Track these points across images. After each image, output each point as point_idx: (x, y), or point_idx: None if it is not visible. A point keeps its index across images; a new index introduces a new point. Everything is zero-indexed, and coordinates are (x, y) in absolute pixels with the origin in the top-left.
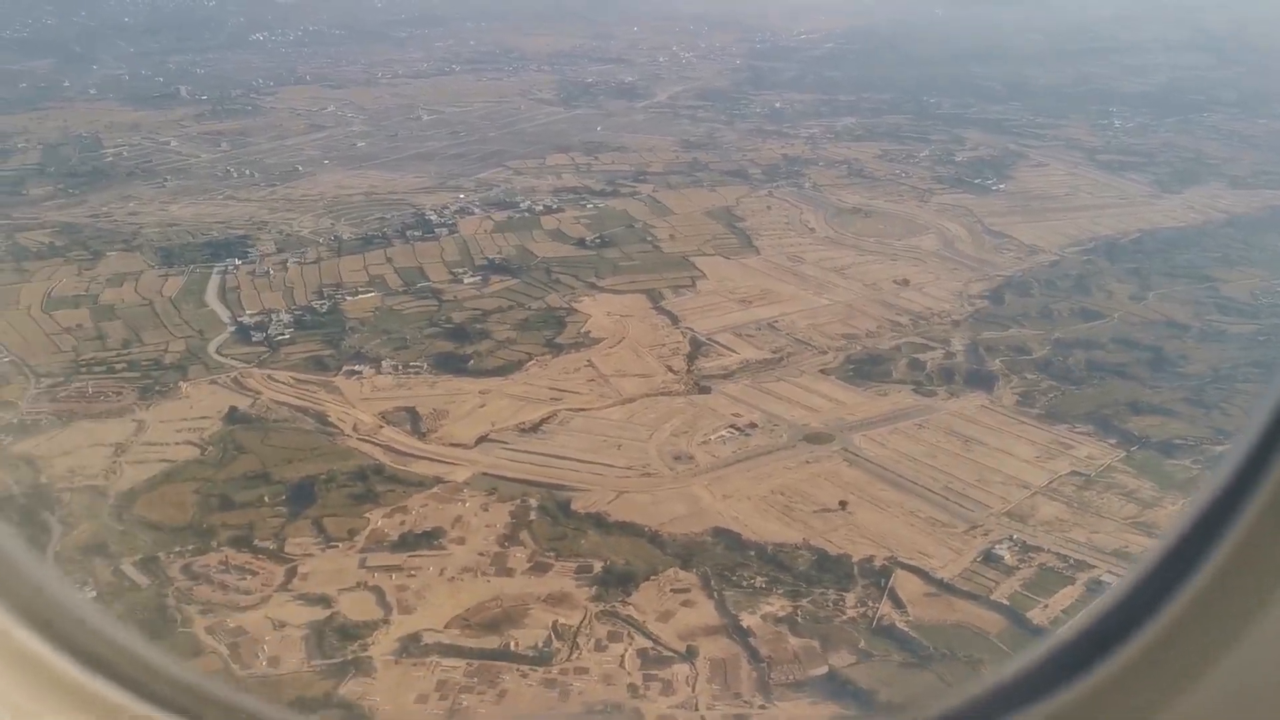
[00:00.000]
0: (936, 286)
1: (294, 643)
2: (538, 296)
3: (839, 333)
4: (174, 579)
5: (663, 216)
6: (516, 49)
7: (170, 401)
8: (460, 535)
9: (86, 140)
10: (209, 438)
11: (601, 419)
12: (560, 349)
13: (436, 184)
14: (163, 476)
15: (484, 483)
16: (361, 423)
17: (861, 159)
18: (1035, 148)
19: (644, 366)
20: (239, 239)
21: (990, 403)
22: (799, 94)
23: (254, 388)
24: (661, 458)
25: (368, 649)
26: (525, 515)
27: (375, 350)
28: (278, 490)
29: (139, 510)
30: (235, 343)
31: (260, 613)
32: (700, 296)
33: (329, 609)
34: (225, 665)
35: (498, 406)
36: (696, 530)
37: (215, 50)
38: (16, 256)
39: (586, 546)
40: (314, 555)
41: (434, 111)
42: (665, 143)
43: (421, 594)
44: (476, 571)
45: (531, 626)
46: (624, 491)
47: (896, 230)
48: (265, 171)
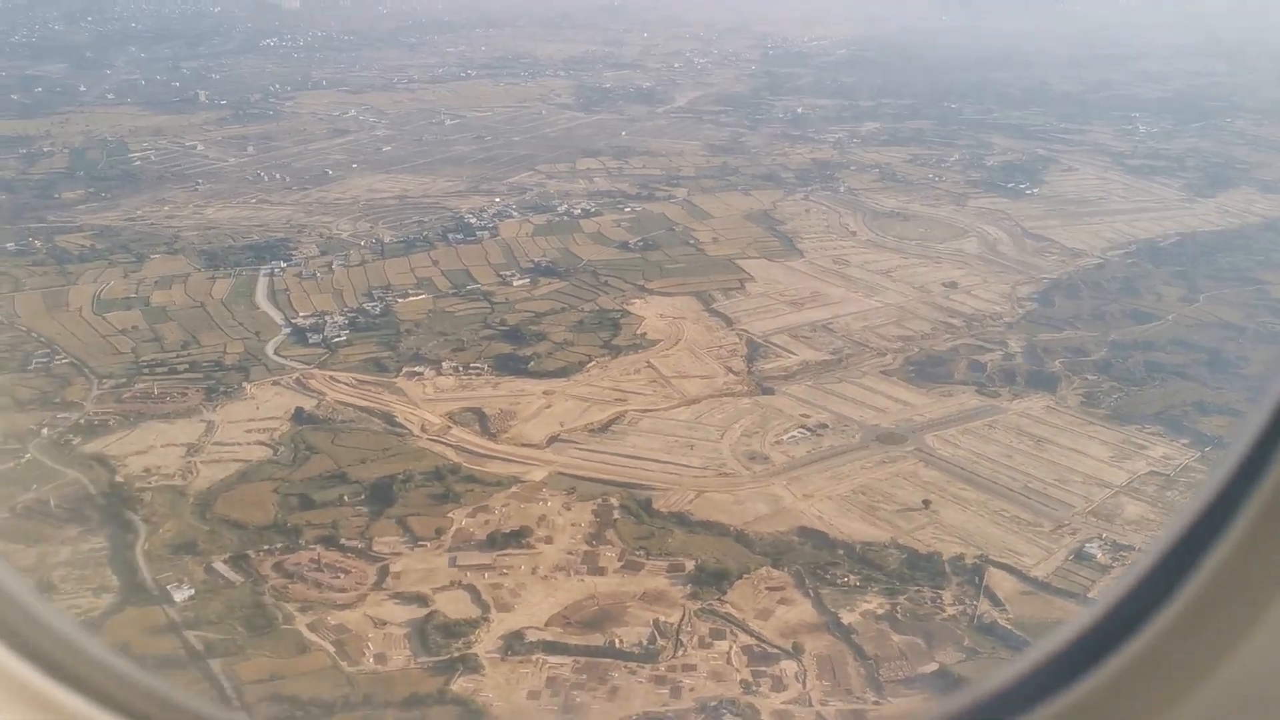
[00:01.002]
0: (984, 289)
1: (397, 640)
2: (588, 299)
3: (894, 334)
4: (267, 577)
5: (702, 220)
6: (529, 54)
7: (236, 402)
8: (547, 534)
9: (112, 145)
10: (279, 438)
11: (669, 420)
12: (618, 351)
13: (469, 188)
14: (239, 476)
15: (561, 482)
16: (429, 423)
17: (892, 163)
18: (1063, 153)
19: (704, 368)
20: (279, 242)
21: (1055, 404)
22: (819, 99)
23: (317, 389)
24: (736, 458)
25: (472, 646)
26: (609, 515)
27: (433, 352)
28: (356, 490)
29: (220, 509)
30: (292, 344)
31: (359, 611)
32: (751, 299)
33: (426, 607)
34: (333, 662)
35: (564, 407)
36: (782, 529)
37: (227, 56)
38: (59, 259)
39: (674, 545)
40: (403, 554)
41: (456, 116)
42: (692, 147)
43: (517, 592)
44: (569, 570)
45: (632, 624)
46: (703, 491)
47: (937, 234)
48: (294, 175)
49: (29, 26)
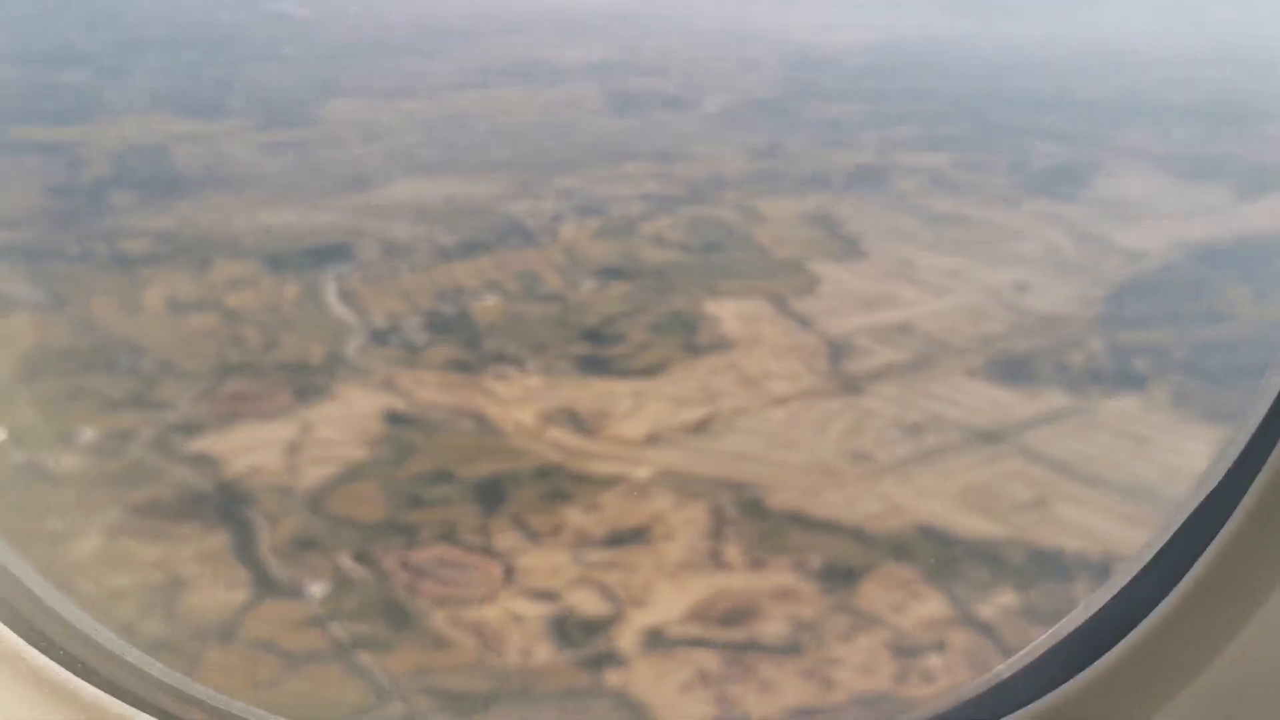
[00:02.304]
0: (1053, 290)
1: (537, 636)
2: (659, 300)
3: (972, 335)
4: (394, 573)
5: (758, 223)
6: (549, 61)
7: (327, 402)
8: (665, 532)
9: (152, 151)
10: (376, 438)
11: (764, 419)
12: (699, 351)
13: (515, 192)
14: (343, 475)
15: (668, 481)
16: (524, 423)
17: (938, 167)
18: (1106, 156)
19: (788, 368)
20: (339, 245)
21: (1146, 403)
22: (849, 104)
23: (405, 389)
24: (840, 457)
25: (613, 641)
26: (723, 512)
27: (515, 353)
28: (463, 489)
29: (332, 507)
30: (373, 346)
31: (492, 607)
32: (823, 300)
33: (558, 603)
34: (479, 658)
35: (655, 407)
36: (900, 526)
37: (247, 63)
38: (124, 263)
39: (795, 542)
40: (524, 552)
41: (487, 122)
42: (731, 152)
43: (647, 589)
44: (694, 567)
45: (769, 619)
46: (814, 489)
47: (995, 236)
48: (338, 180)
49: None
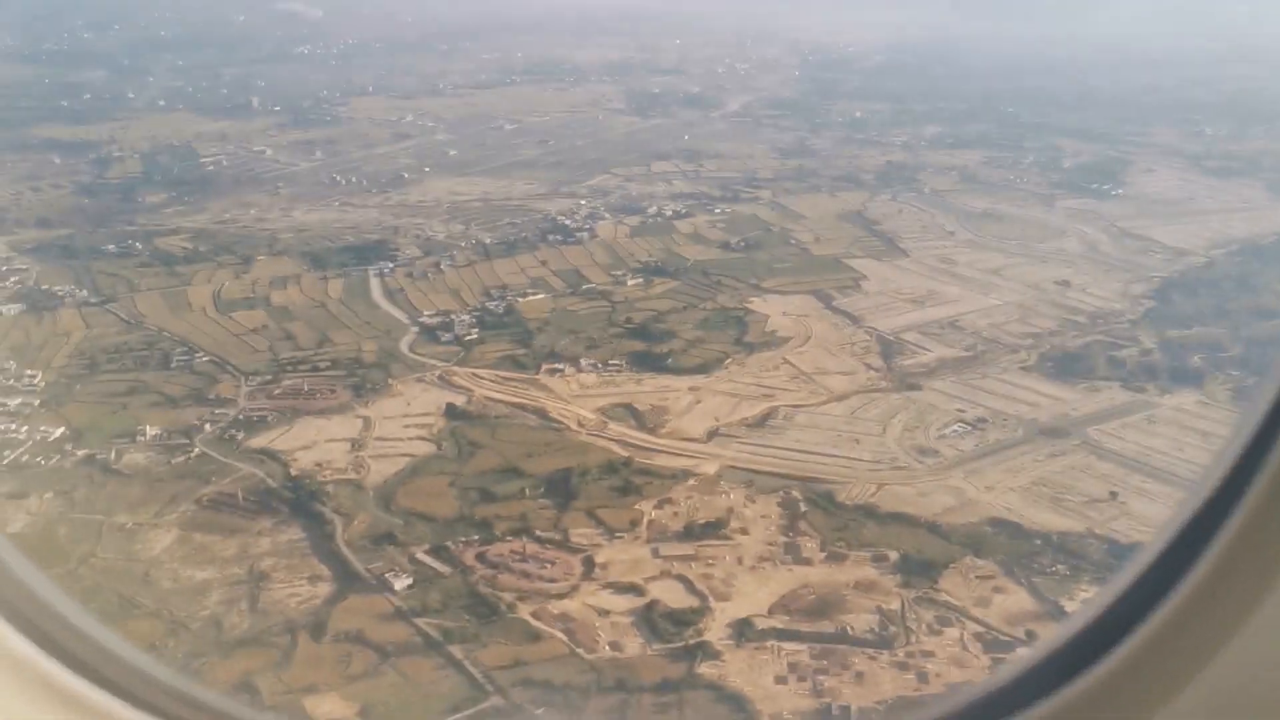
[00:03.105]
0: (1098, 287)
1: (625, 628)
2: (706, 298)
3: (1021, 331)
4: (473, 568)
5: (795, 220)
6: (567, 60)
7: (386, 399)
8: (740, 526)
9: (180, 149)
10: (438, 433)
11: (824, 415)
12: (752, 348)
13: (549, 190)
14: (410, 470)
15: (735, 476)
16: (585, 419)
17: (968, 165)
18: (1136, 154)
19: (842, 365)
20: (378, 243)
21: (1205, 399)
22: (872, 104)
23: (463, 385)
24: (904, 452)
25: (702, 634)
26: (795, 507)
27: (568, 349)
28: (532, 483)
29: (402, 502)
30: (425, 342)
31: (577, 600)
32: (868, 297)
33: (643, 597)
34: (570, 650)
35: (713, 403)
36: (973, 520)
37: (264, 63)
38: (164, 261)
39: (870, 536)
40: (602, 546)
41: (512, 121)
42: (760, 150)
43: (729, 582)
44: (774, 560)
45: (855, 612)
46: (883, 484)
47: (1034, 234)
48: (370, 178)
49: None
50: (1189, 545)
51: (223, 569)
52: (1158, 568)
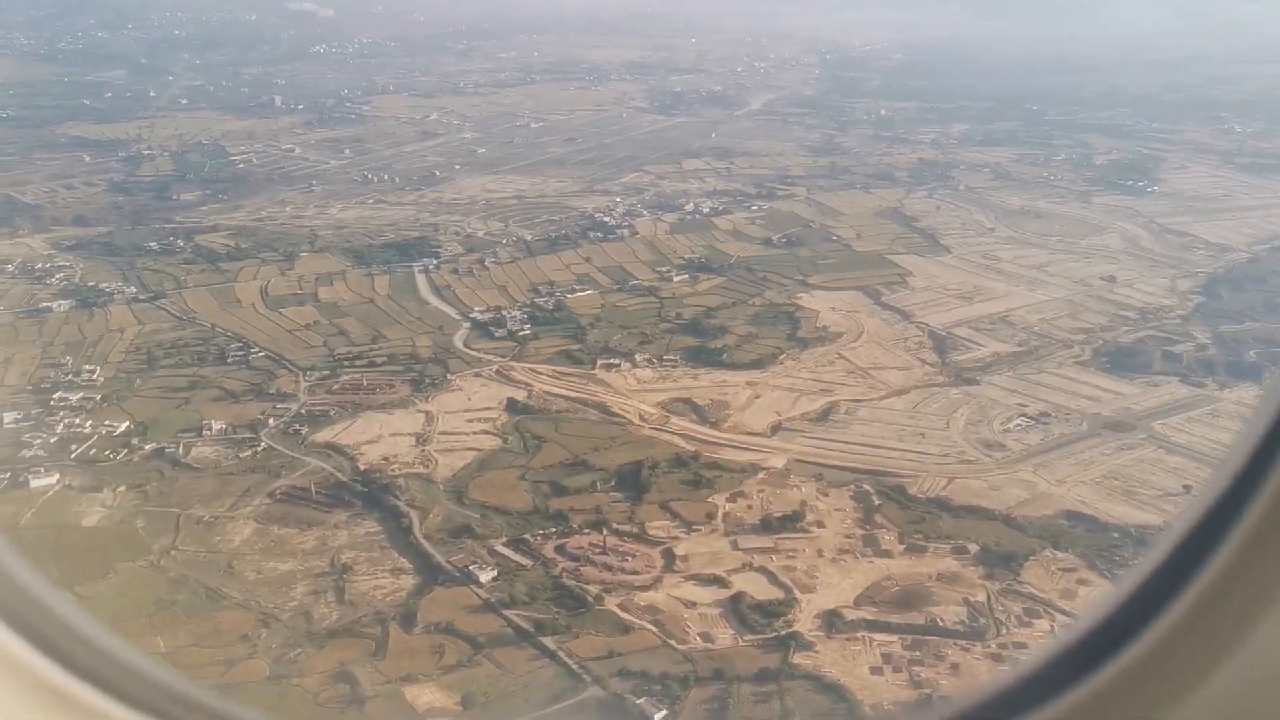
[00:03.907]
0: (1144, 283)
1: (714, 620)
2: (753, 294)
3: (1073, 327)
4: (554, 560)
5: (834, 217)
6: (585, 60)
7: (445, 393)
8: (816, 519)
9: (210, 148)
10: (502, 428)
11: (885, 409)
12: (805, 343)
13: (583, 188)
14: (478, 464)
15: (804, 469)
16: (646, 413)
17: (1000, 163)
18: (1167, 151)
19: (897, 360)
20: (419, 240)
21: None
22: (896, 102)
23: (521, 380)
24: (971, 446)
25: (791, 625)
26: (868, 500)
27: (621, 344)
28: (602, 477)
29: (475, 495)
30: (478, 338)
31: (662, 592)
32: (916, 293)
33: (727, 589)
34: (661, 641)
35: (773, 397)
36: (1048, 513)
37: (281, 62)
38: (208, 258)
39: (947, 529)
40: (681, 539)
41: (538, 119)
42: (789, 148)
43: (812, 574)
44: (854, 553)
45: (942, 603)
46: (953, 478)
47: (1074, 230)
48: (402, 176)
49: (71, 34)
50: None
51: (304, 561)
52: (1167, 570)
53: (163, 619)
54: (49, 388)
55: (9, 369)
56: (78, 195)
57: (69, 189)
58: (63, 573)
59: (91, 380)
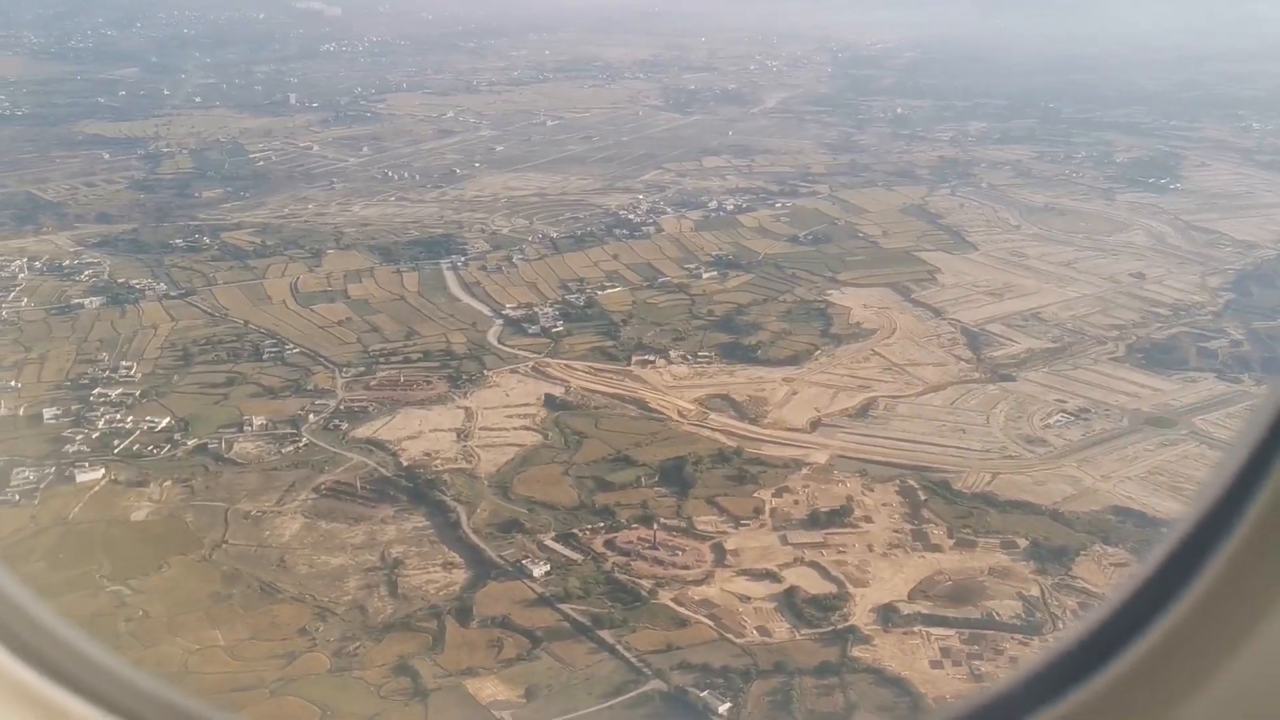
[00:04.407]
0: (1173, 280)
1: (769, 613)
2: (783, 290)
3: (1105, 323)
4: (604, 555)
5: (859, 215)
6: (597, 58)
7: (483, 390)
8: (863, 514)
9: (228, 145)
10: (542, 423)
11: (924, 405)
12: (839, 340)
13: (605, 186)
14: (520, 460)
15: (847, 465)
16: (684, 409)
17: (1021, 160)
18: (1187, 149)
19: (932, 356)
20: (444, 237)
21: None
22: (911, 100)
23: (557, 376)
24: (1012, 441)
25: (847, 619)
26: (913, 495)
27: (655, 341)
28: (646, 473)
29: (520, 490)
30: (511, 334)
31: (715, 586)
32: (946, 290)
33: (779, 583)
34: (718, 634)
35: (810, 393)
36: (1095, 508)
37: (292, 61)
38: (235, 255)
39: (995, 524)
40: (729, 533)
41: (554, 117)
42: (807, 146)
43: (863, 568)
44: (903, 547)
45: (997, 597)
46: (997, 473)
47: (1099, 227)
48: (422, 174)
49: (80, 32)
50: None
51: (354, 555)
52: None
53: (219, 612)
54: (87, 384)
55: (45, 365)
56: (99, 193)
57: (90, 186)
58: (116, 566)
59: (129, 376)
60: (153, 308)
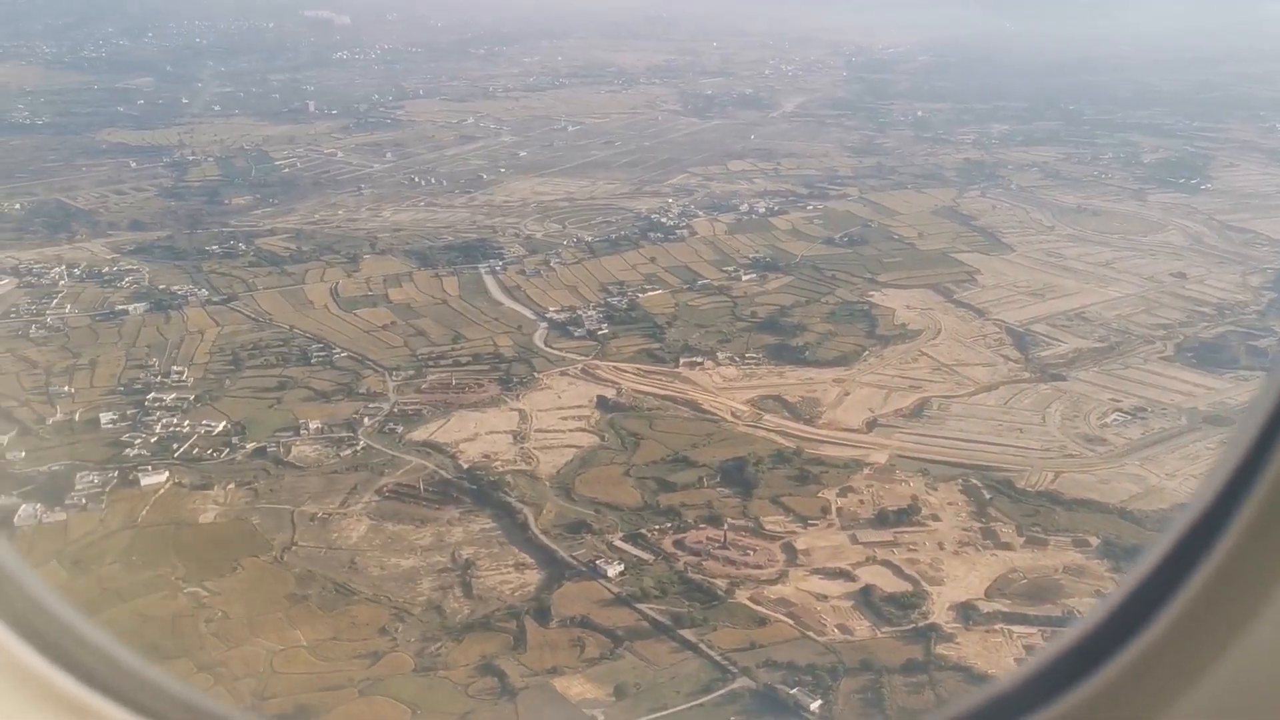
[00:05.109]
0: (1214, 279)
1: (847, 612)
2: (824, 292)
3: (1151, 323)
4: (675, 554)
5: (891, 217)
6: (610, 64)
7: (535, 392)
8: (930, 513)
9: (252, 153)
10: (597, 425)
11: (977, 405)
12: (885, 340)
13: (633, 190)
14: (579, 461)
15: (907, 464)
16: (737, 410)
17: (1048, 162)
18: (1214, 149)
19: (980, 356)
20: (478, 242)
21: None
22: (930, 103)
23: (606, 378)
24: (1071, 440)
25: (927, 617)
26: (978, 493)
27: (701, 343)
28: (706, 473)
29: (583, 491)
30: (557, 337)
31: (790, 585)
32: (987, 290)
33: (854, 582)
34: (800, 633)
35: (862, 394)
36: (1164, 506)
37: (305, 69)
38: (271, 261)
39: (1064, 522)
40: (798, 533)
41: (575, 123)
42: (831, 149)
43: (936, 567)
44: (974, 545)
45: (1075, 595)
46: (1060, 472)
47: (1134, 228)
48: (448, 180)
49: (93, 42)
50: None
51: (424, 557)
52: (1161, 572)
53: (298, 613)
54: (140, 389)
55: (96, 371)
56: (129, 200)
57: (120, 194)
58: (190, 568)
59: (181, 381)
60: (196, 313)
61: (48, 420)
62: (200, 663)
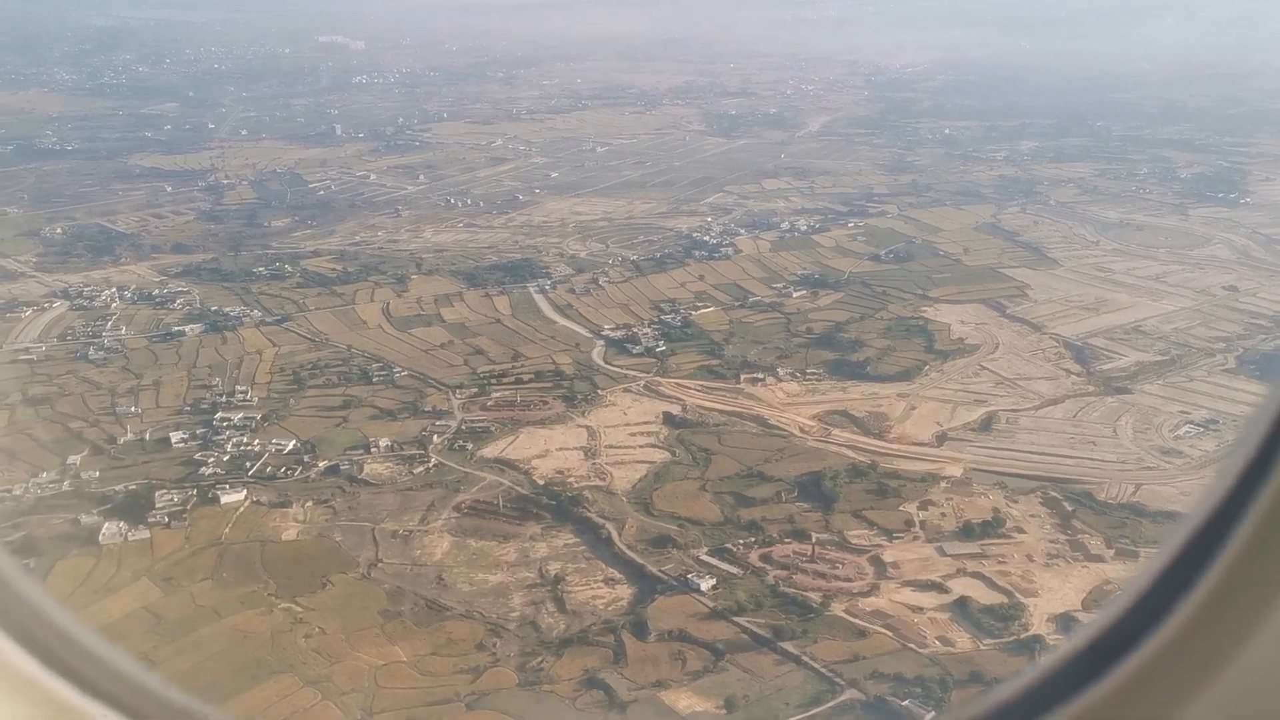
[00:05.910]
0: (1267, 292)
1: (945, 624)
2: (876, 308)
3: (1209, 335)
4: (763, 568)
5: (933, 233)
6: (630, 85)
7: (600, 409)
8: (1014, 525)
9: (286, 176)
10: (665, 440)
11: (1045, 418)
12: (945, 355)
13: (670, 209)
14: (654, 477)
15: (983, 478)
16: (805, 425)
17: (1084, 178)
18: (1249, 164)
19: (1041, 370)
20: (523, 261)
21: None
22: (956, 121)
23: (670, 394)
24: (1146, 452)
25: (1028, 629)
26: (1059, 506)
27: (760, 359)
28: (783, 487)
29: (661, 506)
30: (615, 354)
31: (883, 598)
32: (1040, 305)
33: (947, 594)
34: (900, 645)
35: (928, 408)
36: None
37: (326, 93)
38: (319, 282)
39: (1150, 533)
40: (884, 546)
41: (603, 144)
42: (864, 167)
43: (1028, 578)
44: (1063, 557)
45: None
46: (1140, 484)
47: (1180, 242)
48: (484, 201)
49: (112, 69)
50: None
51: (512, 573)
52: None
53: (393, 629)
54: (207, 408)
55: (160, 391)
56: (170, 224)
57: (159, 218)
58: (280, 585)
59: (247, 400)
60: (252, 334)
61: (119, 440)
62: (305, 678)
